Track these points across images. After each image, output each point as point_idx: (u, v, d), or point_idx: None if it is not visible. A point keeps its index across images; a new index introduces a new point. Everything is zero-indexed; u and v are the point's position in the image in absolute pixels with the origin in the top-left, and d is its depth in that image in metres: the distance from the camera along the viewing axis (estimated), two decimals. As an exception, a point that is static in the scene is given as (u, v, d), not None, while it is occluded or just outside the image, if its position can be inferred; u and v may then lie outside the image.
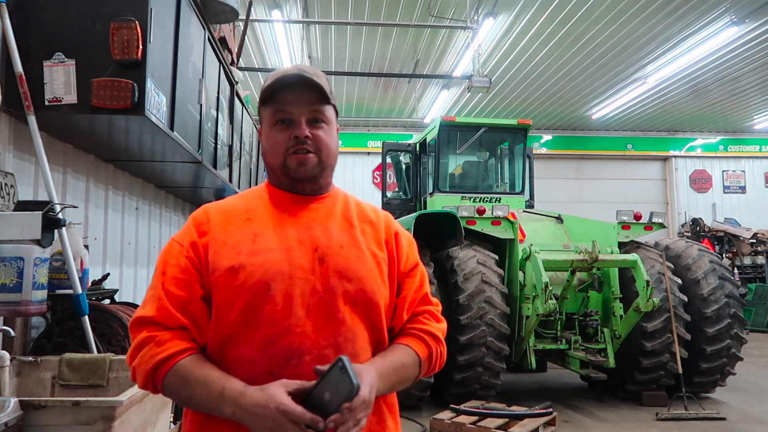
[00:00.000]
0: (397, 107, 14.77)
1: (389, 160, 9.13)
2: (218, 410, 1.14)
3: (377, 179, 15.29)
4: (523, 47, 10.67)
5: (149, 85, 2.92)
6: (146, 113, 2.90)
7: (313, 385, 1.10)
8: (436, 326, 1.39)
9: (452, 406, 4.96)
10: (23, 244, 2.59)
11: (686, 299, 5.86)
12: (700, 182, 16.78)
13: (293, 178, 1.33)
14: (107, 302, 3.58)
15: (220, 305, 1.22)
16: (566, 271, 5.66)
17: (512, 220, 6.06)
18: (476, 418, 4.71)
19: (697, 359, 5.82)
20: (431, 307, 1.41)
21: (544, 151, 16.31)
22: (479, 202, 7.42)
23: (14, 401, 1.87)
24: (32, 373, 2.60)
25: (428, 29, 9.93)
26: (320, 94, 1.33)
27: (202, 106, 4.07)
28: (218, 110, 4.64)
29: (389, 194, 9.00)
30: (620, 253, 5.98)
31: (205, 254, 1.25)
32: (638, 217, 6.31)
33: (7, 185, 2.84)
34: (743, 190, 16.85)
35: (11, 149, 2.99)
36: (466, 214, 5.94)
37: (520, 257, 5.89)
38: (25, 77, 2.74)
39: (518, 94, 13.31)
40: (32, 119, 2.76)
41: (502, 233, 6.03)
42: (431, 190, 7.89)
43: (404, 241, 1.43)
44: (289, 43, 10.09)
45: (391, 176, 9.37)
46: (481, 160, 8.56)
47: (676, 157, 16.78)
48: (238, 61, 6.14)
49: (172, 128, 3.38)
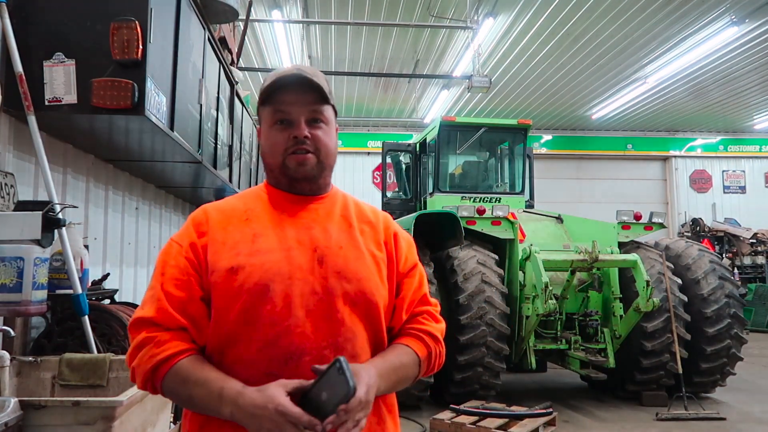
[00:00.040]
0: (397, 107, 14.76)
1: (389, 160, 9.12)
2: (217, 411, 1.14)
3: (377, 179, 15.29)
4: (523, 47, 10.67)
5: (149, 85, 2.92)
6: (146, 113, 2.90)
7: (311, 384, 1.10)
8: (435, 326, 1.39)
9: (452, 406, 4.96)
10: (23, 244, 2.59)
11: (686, 299, 5.86)
12: (700, 182, 16.78)
13: (292, 178, 1.33)
14: (107, 302, 3.58)
15: (219, 306, 1.22)
16: (566, 271, 5.66)
17: (512, 220, 6.06)
18: (476, 418, 4.71)
19: (697, 359, 5.82)
20: (430, 307, 1.41)
21: (544, 151, 16.30)
22: (479, 202, 7.42)
23: (14, 401, 1.87)
24: (32, 373, 2.60)
25: (428, 29, 9.92)
26: (319, 94, 1.32)
27: (202, 106, 4.07)
28: (218, 110, 4.64)
29: (389, 194, 9.00)
30: (620, 253, 5.98)
31: (204, 255, 1.25)
32: (638, 217, 6.31)
33: (7, 185, 2.84)
34: (743, 190, 16.85)
35: (11, 149, 2.99)
36: (466, 214, 5.94)
37: (520, 257, 5.89)
38: (25, 77, 2.74)
39: (518, 94, 13.31)
40: (32, 119, 2.76)
41: (502, 233, 6.03)
42: (431, 190, 7.89)
43: (403, 241, 1.43)
44: (289, 43, 10.09)
45: (391, 176, 9.37)
46: (481, 160, 8.56)
47: (676, 157, 16.78)
48: (238, 61, 6.14)
49: (172, 128, 3.38)
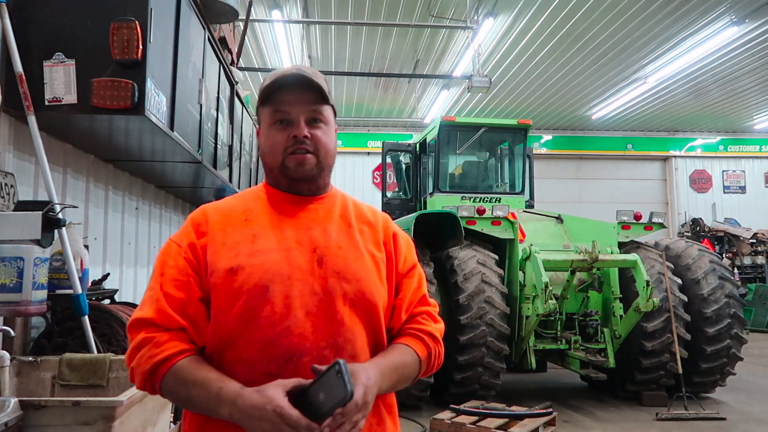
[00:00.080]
0: (397, 107, 14.76)
1: (389, 160, 9.12)
2: (215, 412, 1.14)
3: (377, 179, 15.28)
4: (523, 47, 10.67)
5: (149, 85, 2.92)
6: (146, 113, 2.90)
7: (309, 383, 1.10)
8: (434, 326, 1.39)
9: (452, 406, 4.96)
10: (23, 244, 2.59)
11: (686, 299, 5.86)
12: (700, 182, 16.78)
13: (292, 178, 1.32)
14: (107, 302, 3.58)
15: (219, 306, 1.22)
16: (566, 271, 5.66)
17: (512, 220, 6.06)
18: (476, 418, 4.70)
19: (697, 359, 5.82)
20: (429, 307, 1.42)
21: (544, 151, 16.30)
22: (479, 202, 7.42)
23: (14, 401, 1.87)
24: (32, 373, 2.60)
25: (428, 29, 9.92)
26: (319, 94, 1.32)
27: (202, 106, 4.07)
28: (218, 110, 4.64)
29: (389, 194, 9.00)
30: (620, 253, 5.98)
31: (203, 255, 1.25)
32: (638, 217, 6.31)
33: (7, 185, 2.84)
34: (743, 190, 16.85)
35: (11, 149, 3.00)
36: (466, 214, 5.93)
37: (520, 257, 5.89)
38: (25, 77, 2.74)
39: (518, 94, 13.31)
40: (32, 119, 2.76)
41: (502, 233, 6.03)
42: (431, 190, 7.89)
43: (402, 242, 1.43)
44: (289, 43, 10.09)
45: (391, 176, 9.37)
46: (481, 160, 8.55)
47: (676, 157, 16.78)
48: (238, 61, 6.14)
49: (172, 128, 3.38)
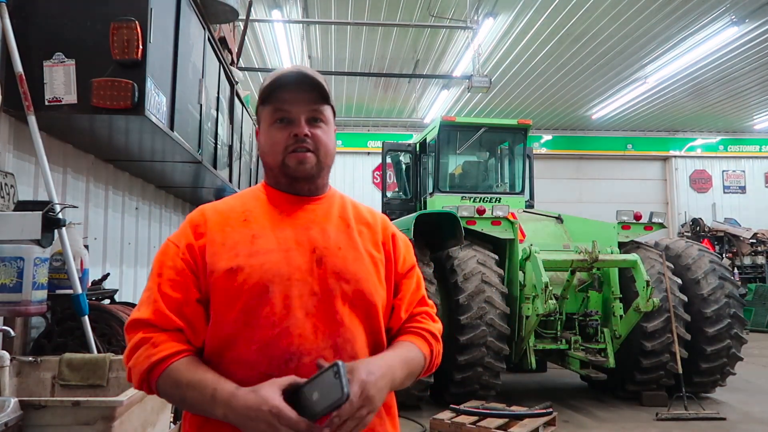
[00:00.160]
0: (397, 107, 14.76)
1: (389, 160, 9.12)
2: (211, 412, 1.14)
3: (377, 179, 15.28)
4: (523, 47, 10.67)
5: (149, 85, 2.92)
6: (146, 113, 2.90)
7: (304, 382, 1.10)
8: (434, 326, 1.40)
9: (452, 406, 4.96)
10: (23, 244, 2.59)
11: (686, 299, 5.86)
12: (700, 182, 16.78)
13: (292, 177, 1.32)
14: (107, 302, 3.58)
15: (218, 307, 1.22)
16: (566, 271, 5.65)
17: (512, 220, 6.06)
18: (476, 418, 4.70)
19: (697, 359, 5.82)
20: (428, 308, 1.43)
21: (544, 151, 16.30)
22: (479, 202, 7.42)
23: (14, 401, 1.87)
24: (32, 373, 2.60)
25: (428, 29, 9.92)
26: (320, 93, 1.33)
27: (202, 106, 4.07)
28: (218, 110, 4.64)
29: (389, 194, 9.00)
30: (620, 253, 5.98)
31: (201, 256, 1.25)
32: (638, 217, 6.31)
33: (7, 185, 2.84)
34: (743, 190, 16.85)
35: (11, 149, 3.00)
36: (466, 214, 5.93)
37: (520, 257, 5.89)
38: (25, 77, 2.74)
39: (518, 94, 13.31)
40: (32, 119, 2.76)
41: (502, 233, 6.02)
42: (431, 190, 7.89)
43: (401, 243, 1.44)
44: (289, 43, 10.09)
45: (391, 176, 9.37)
46: (481, 160, 8.55)
47: (676, 157, 16.78)
48: (238, 61, 6.14)
49: (172, 128, 3.38)
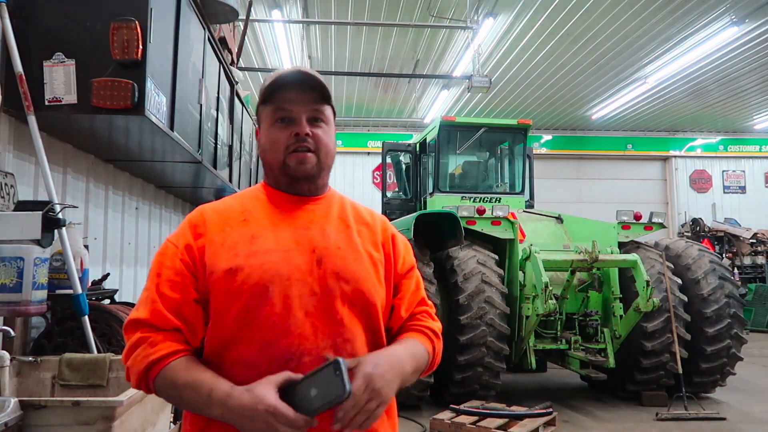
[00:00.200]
0: (397, 107, 14.76)
1: (389, 160, 9.12)
2: (208, 412, 1.14)
3: (377, 179, 15.28)
4: (523, 47, 10.67)
5: (149, 85, 2.92)
6: (146, 113, 2.90)
7: (300, 377, 1.10)
8: (434, 324, 1.41)
9: (452, 406, 4.96)
10: (23, 244, 2.59)
11: (686, 299, 5.86)
12: (700, 182, 16.78)
13: (292, 176, 1.33)
14: (107, 302, 3.58)
15: (218, 307, 1.22)
16: (566, 271, 5.65)
17: (512, 220, 6.06)
18: (476, 418, 4.70)
19: (697, 359, 5.81)
20: (428, 308, 1.44)
21: (544, 151, 16.30)
22: (479, 202, 7.42)
23: (14, 401, 1.87)
24: (32, 373, 2.60)
25: (428, 29, 9.92)
26: (321, 93, 1.33)
27: (202, 106, 4.07)
28: (218, 110, 4.64)
29: (389, 194, 9.00)
30: (620, 253, 5.98)
31: (200, 257, 1.25)
32: (638, 217, 6.31)
33: (7, 185, 2.84)
34: (743, 190, 16.85)
35: (11, 149, 3.00)
36: (466, 214, 5.93)
37: (520, 257, 5.89)
38: (25, 77, 2.74)
39: (518, 94, 13.31)
40: (32, 119, 2.76)
41: (502, 233, 6.02)
42: (431, 190, 7.89)
43: (401, 243, 1.45)
44: (289, 43, 10.09)
45: (391, 176, 9.37)
46: (481, 160, 8.55)
47: (676, 157, 16.78)
48: (238, 61, 6.14)
49: (172, 128, 3.38)
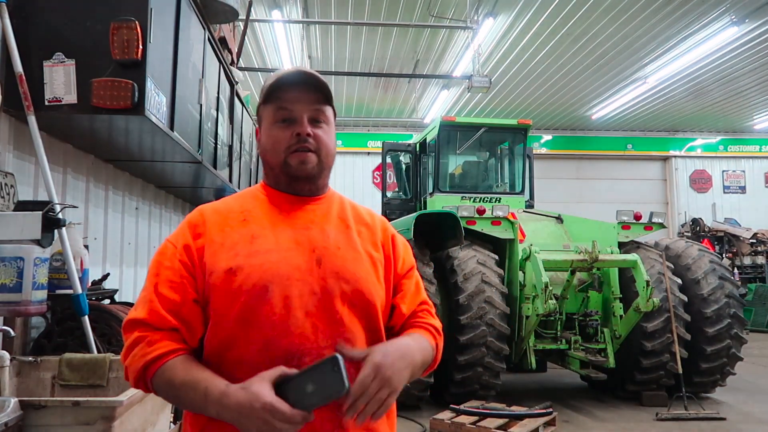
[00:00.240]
0: (397, 107, 14.76)
1: (389, 160, 9.12)
2: (204, 411, 1.14)
3: (377, 179, 15.28)
4: (523, 47, 10.66)
5: (149, 85, 2.92)
6: (146, 113, 2.90)
7: (296, 372, 1.10)
8: (436, 321, 1.42)
9: (452, 406, 4.96)
10: (23, 244, 2.59)
11: (686, 299, 5.86)
12: (700, 182, 16.77)
13: (293, 177, 1.33)
14: (107, 302, 3.58)
15: (218, 307, 1.22)
16: (566, 271, 5.65)
17: (512, 220, 6.06)
18: (476, 418, 4.70)
19: (697, 359, 5.82)
20: (428, 306, 1.44)
21: (544, 151, 16.30)
22: (479, 202, 7.42)
23: (14, 401, 1.87)
24: (32, 373, 2.60)
25: (428, 29, 9.92)
26: (322, 94, 1.33)
27: (202, 106, 4.07)
28: (218, 110, 4.64)
29: (389, 194, 9.00)
30: (620, 253, 5.98)
31: (199, 257, 1.25)
32: (638, 217, 6.31)
33: (7, 185, 2.84)
34: (743, 190, 16.84)
35: (11, 149, 3.00)
36: (466, 214, 5.93)
37: (520, 257, 5.89)
38: (25, 77, 2.74)
39: (518, 94, 13.31)
40: (32, 119, 2.76)
41: (502, 233, 6.02)
42: (431, 190, 7.89)
43: (400, 244, 1.45)
44: (289, 43, 10.09)
45: (391, 176, 9.37)
46: (481, 160, 8.55)
47: (676, 157, 16.78)
48: (238, 61, 6.14)
49: (172, 128, 3.38)
